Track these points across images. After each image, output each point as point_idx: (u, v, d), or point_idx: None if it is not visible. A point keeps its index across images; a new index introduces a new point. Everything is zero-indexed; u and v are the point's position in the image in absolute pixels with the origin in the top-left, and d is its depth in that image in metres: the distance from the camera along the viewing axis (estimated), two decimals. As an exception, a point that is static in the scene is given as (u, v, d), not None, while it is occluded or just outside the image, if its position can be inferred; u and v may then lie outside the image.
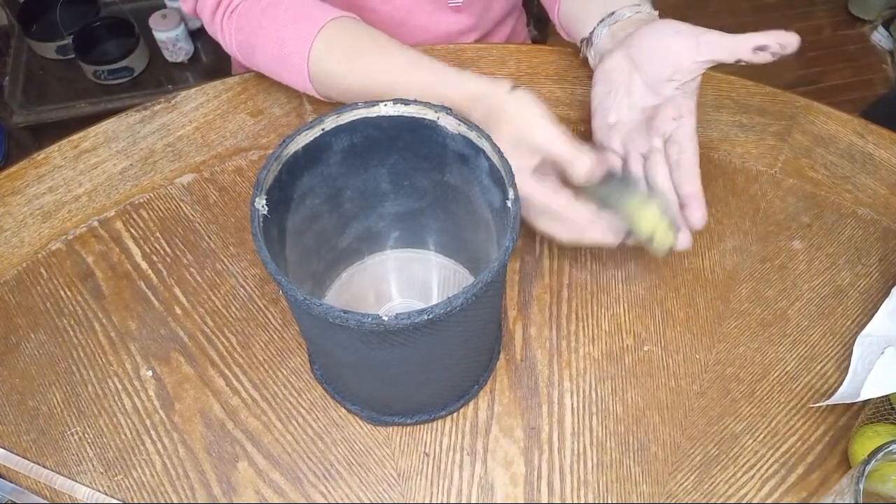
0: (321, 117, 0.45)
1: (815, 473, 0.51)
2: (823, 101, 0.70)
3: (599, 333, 0.57)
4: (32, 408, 0.54)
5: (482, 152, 0.46)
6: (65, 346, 0.56)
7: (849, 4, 1.99)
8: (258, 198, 0.42)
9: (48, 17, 1.55)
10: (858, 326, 0.57)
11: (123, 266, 0.60)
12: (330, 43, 0.59)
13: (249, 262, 0.60)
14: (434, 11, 0.75)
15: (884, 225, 0.63)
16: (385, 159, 0.50)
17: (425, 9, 0.75)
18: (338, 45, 0.59)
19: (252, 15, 0.62)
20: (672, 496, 0.50)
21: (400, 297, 0.58)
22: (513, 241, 0.41)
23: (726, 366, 0.56)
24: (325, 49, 0.59)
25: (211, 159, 0.66)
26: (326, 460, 0.52)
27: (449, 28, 0.77)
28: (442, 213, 0.54)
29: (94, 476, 0.51)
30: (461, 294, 0.38)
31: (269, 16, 0.61)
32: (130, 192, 0.64)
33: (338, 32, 0.59)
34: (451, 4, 0.75)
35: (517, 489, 0.50)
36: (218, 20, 0.64)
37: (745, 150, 0.68)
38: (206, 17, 0.66)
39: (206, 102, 0.69)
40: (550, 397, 0.54)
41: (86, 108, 1.51)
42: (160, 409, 0.53)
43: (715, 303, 0.59)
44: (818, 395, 0.54)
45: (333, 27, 0.59)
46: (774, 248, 0.62)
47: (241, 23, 0.63)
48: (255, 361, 0.56)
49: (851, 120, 0.69)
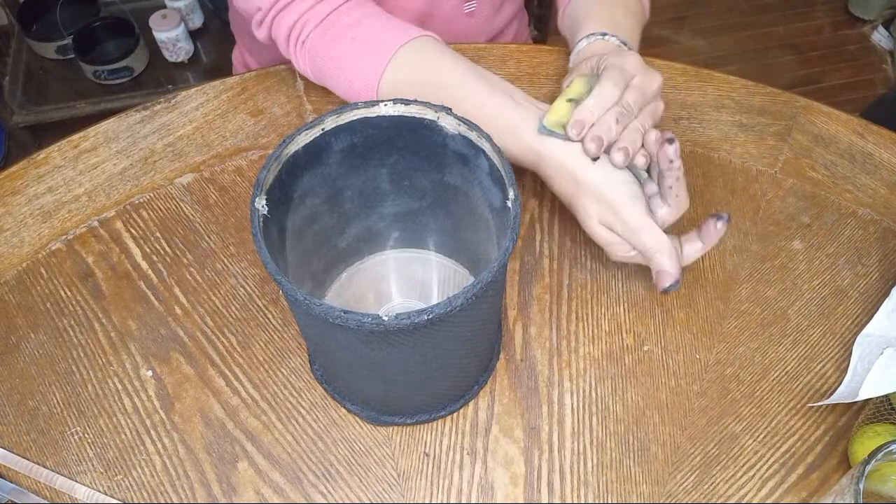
0: (321, 117, 0.45)
1: (815, 473, 0.51)
2: (823, 101, 0.70)
3: (599, 333, 0.57)
4: (32, 408, 0.54)
5: (482, 152, 0.46)
6: (65, 346, 0.56)
7: (849, 4, 1.99)
8: (258, 198, 0.42)
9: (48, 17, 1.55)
10: (858, 326, 0.57)
11: (123, 266, 0.60)
12: (395, 81, 0.58)
13: (249, 262, 0.60)
14: (449, 20, 0.76)
15: (884, 225, 0.63)
16: (385, 159, 0.50)
17: (442, 17, 0.75)
18: (404, 80, 0.58)
19: (321, 47, 0.61)
20: (672, 496, 0.50)
21: (400, 297, 0.58)
22: (513, 241, 0.41)
23: (726, 366, 0.56)
24: (391, 89, 0.59)
25: (211, 159, 0.67)
26: (326, 460, 0.52)
27: (460, 35, 0.78)
28: (442, 213, 0.54)
29: (94, 476, 0.51)
30: (461, 294, 0.38)
31: (337, 48, 0.60)
32: (130, 192, 0.64)
33: (406, 64, 0.58)
34: (466, 11, 0.76)
35: (517, 489, 0.50)
36: (292, 50, 0.64)
37: (745, 150, 0.68)
38: (280, 45, 0.65)
39: (206, 102, 0.70)
40: (550, 397, 0.54)
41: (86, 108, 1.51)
42: (160, 409, 0.53)
43: (715, 303, 0.59)
44: (818, 395, 0.54)
45: (401, 60, 0.58)
46: (774, 248, 0.62)
47: (313, 55, 0.62)
48: (255, 361, 0.56)
49: (851, 120, 0.69)
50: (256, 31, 0.65)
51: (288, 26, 0.62)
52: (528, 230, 0.62)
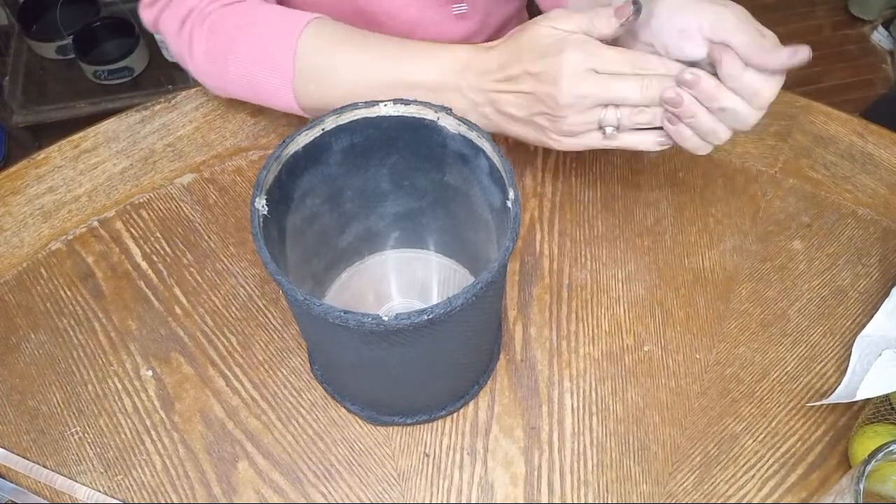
0: (321, 117, 0.45)
1: (815, 473, 0.51)
2: (823, 101, 0.70)
3: (599, 333, 0.57)
4: (32, 408, 0.54)
5: (482, 152, 0.46)
6: (65, 346, 0.56)
7: (849, 4, 1.99)
8: (258, 198, 0.42)
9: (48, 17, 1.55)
10: (858, 326, 0.57)
11: (123, 266, 0.60)
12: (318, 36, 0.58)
13: (249, 262, 0.60)
14: (440, 22, 0.75)
15: (884, 225, 0.63)
16: (385, 159, 0.50)
17: (432, 20, 0.75)
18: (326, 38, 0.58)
19: (229, 18, 0.60)
20: (672, 496, 0.50)
21: (400, 297, 0.58)
22: (513, 242, 0.41)
23: (726, 366, 0.56)
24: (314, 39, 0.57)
25: (211, 159, 0.67)
26: (326, 460, 0.52)
27: (454, 36, 0.77)
28: (442, 213, 0.54)
29: (94, 476, 0.51)
30: (461, 294, 0.38)
31: (248, 18, 0.59)
32: (130, 192, 0.64)
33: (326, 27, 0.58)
34: (455, 12, 0.75)
35: (517, 489, 0.50)
36: (187, 28, 0.61)
37: (745, 150, 0.68)
38: (172, 30, 0.62)
39: (206, 102, 0.70)
40: (550, 397, 0.54)
41: (86, 108, 1.51)
42: (160, 409, 0.53)
43: (715, 303, 0.59)
44: (818, 396, 0.54)
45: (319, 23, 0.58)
46: (774, 248, 0.62)
47: (216, 27, 0.60)
48: (255, 361, 0.56)
49: (851, 120, 0.69)
50: (143, 12, 0.64)
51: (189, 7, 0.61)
52: (528, 230, 0.62)
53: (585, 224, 0.63)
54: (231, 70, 0.60)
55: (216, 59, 0.60)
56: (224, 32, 0.60)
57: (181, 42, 0.62)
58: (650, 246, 0.62)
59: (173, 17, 0.62)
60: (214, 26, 0.60)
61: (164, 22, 0.63)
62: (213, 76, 0.62)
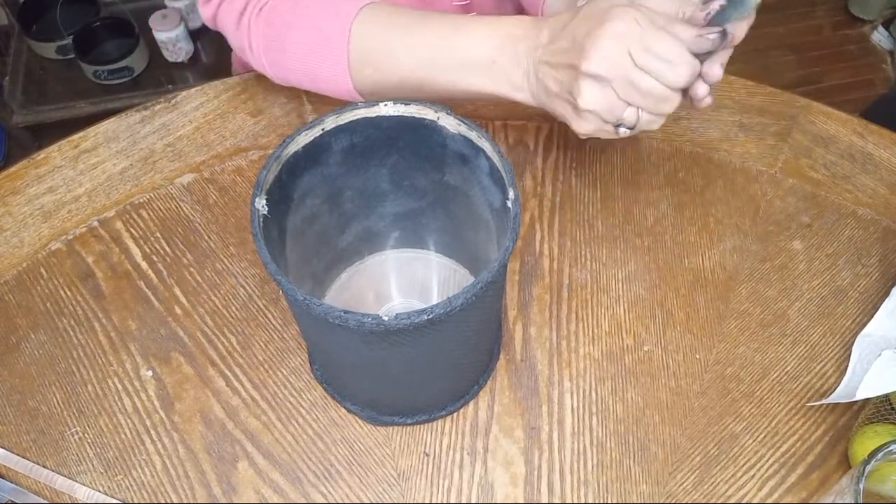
0: (321, 117, 0.45)
1: (815, 473, 0.51)
2: (823, 101, 0.70)
3: (599, 333, 0.57)
4: (32, 408, 0.54)
5: (482, 152, 0.46)
6: (65, 346, 0.56)
7: (849, 4, 1.99)
8: (258, 198, 0.42)
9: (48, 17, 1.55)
10: (858, 326, 0.57)
11: (123, 266, 0.60)
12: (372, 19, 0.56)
13: (249, 262, 0.60)
14: None
15: (884, 225, 0.63)
16: (385, 159, 0.50)
17: None
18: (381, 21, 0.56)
19: (283, 7, 0.60)
20: (672, 496, 0.50)
21: (400, 297, 0.58)
22: (513, 241, 0.41)
23: (726, 366, 0.56)
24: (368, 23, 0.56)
25: (211, 159, 0.67)
26: (326, 460, 0.52)
27: None
28: (442, 213, 0.54)
29: (94, 476, 0.51)
30: (461, 294, 0.38)
31: (302, 5, 0.59)
32: (130, 192, 0.64)
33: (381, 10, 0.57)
34: (456, 3, 0.75)
35: (517, 489, 0.50)
36: (245, 22, 0.62)
37: (745, 150, 0.68)
38: (230, 23, 0.63)
39: (206, 102, 0.70)
40: (550, 397, 0.54)
41: (86, 108, 1.51)
42: (160, 409, 0.53)
43: (715, 303, 0.59)
44: (818, 396, 0.54)
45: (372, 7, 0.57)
46: (774, 248, 0.62)
47: (272, 17, 0.60)
48: (255, 361, 0.56)
49: (851, 120, 0.69)
50: (203, 8, 0.64)
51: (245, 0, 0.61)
52: (528, 230, 0.62)
53: (585, 224, 0.63)
54: (289, 59, 0.61)
55: (274, 50, 0.61)
56: (280, 22, 0.60)
57: (240, 35, 0.63)
58: (650, 246, 0.62)
59: (231, 12, 0.62)
60: (270, 17, 0.60)
61: (223, 17, 0.63)
62: (274, 66, 0.63)
